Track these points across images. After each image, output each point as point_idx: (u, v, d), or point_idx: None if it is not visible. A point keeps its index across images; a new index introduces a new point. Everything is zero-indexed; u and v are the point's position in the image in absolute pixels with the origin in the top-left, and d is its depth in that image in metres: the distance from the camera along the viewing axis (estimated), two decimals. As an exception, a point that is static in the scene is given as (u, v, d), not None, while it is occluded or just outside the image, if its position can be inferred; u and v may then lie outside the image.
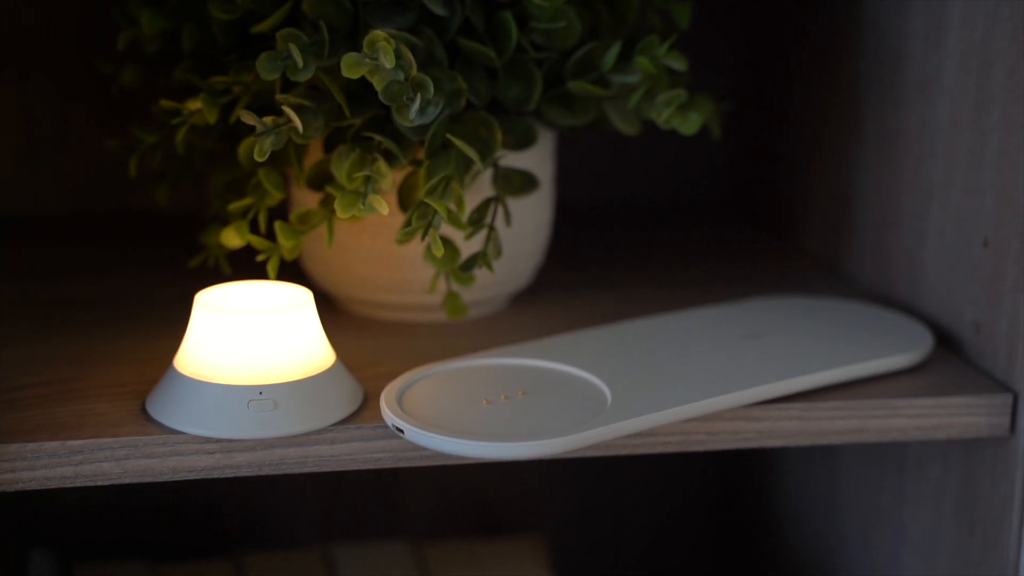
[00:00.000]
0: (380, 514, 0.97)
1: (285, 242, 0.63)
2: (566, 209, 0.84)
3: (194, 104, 0.63)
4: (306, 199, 0.69)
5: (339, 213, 0.59)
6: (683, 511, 1.02)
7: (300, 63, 0.59)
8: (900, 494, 0.74)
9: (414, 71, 0.59)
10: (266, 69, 0.59)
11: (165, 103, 0.63)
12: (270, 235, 0.64)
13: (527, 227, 0.71)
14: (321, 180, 0.65)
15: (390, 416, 0.57)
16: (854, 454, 0.80)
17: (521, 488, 1.00)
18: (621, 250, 0.87)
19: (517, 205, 0.69)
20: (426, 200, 0.60)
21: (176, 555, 0.88)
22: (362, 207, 0.59)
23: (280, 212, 0.69)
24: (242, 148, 0.63)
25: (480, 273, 0.67)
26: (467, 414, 0.58)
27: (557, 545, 0.98)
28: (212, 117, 0.62)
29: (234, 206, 0.64)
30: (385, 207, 0.59)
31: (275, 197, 0.64)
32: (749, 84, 0.97)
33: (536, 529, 0.98)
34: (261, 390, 0.57)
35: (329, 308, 0.73)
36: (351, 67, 0.57)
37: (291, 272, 0.74)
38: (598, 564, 1.02)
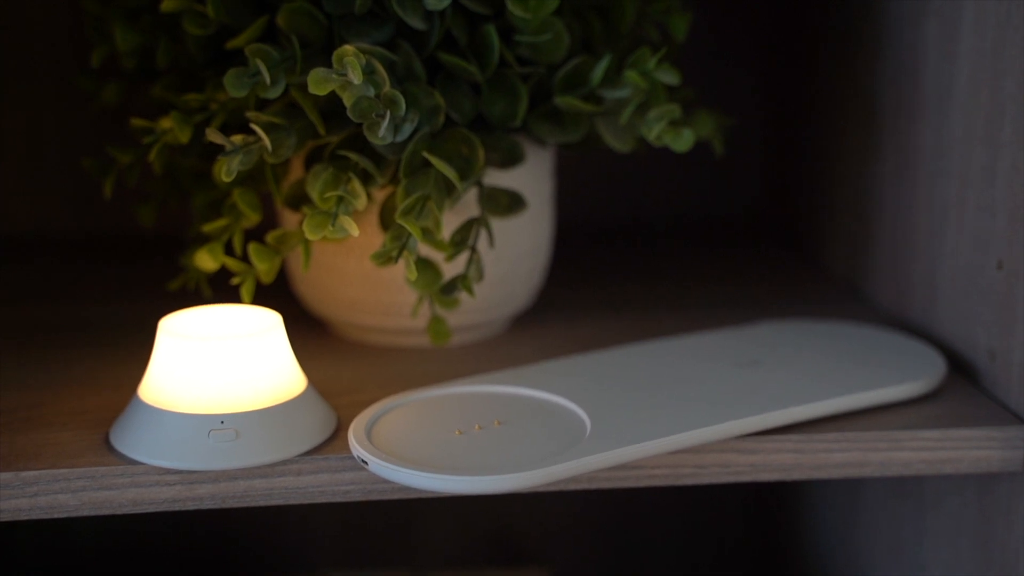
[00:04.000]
0: (394, 543, 0.95)
1: (260, 264, 0.61)
2: (571, 227, 0.81)
3: (167, 122, 0.61)
4: (292, 220, 0.66)
5: (308, 234, 0.57)
6: (705, 544, 0.99)
7: (268, 80, 0.57)
8: (920, 529, 0.71)
9: (386, 87, 0.56)
10: (234, 86, 0.57)
11: (136, 121, 0.61)
12: (248, 257, 0.62)
13: (523, 247, 0.69)
14: (299, 200, 0.63)
15: (356, 447, 0.54)
16: (877, 486, 0.76)
17: (542, 518, 0.97)
18: (630, 270, 0.84)
19: (512, 225, 0.67)
20: (400, 221, 0.58)
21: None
22: (332, 228, 0.57)
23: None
24: (216, 167, 0.61)
25: (472, 296, 0.64)
26: (438, 445, 0.55)
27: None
28: (184, 136, 0.60)
29: (209, 227, 0.62)
30: (356, 229, 0.57)
31: (251, 218, 0.62)
32: (766, 99, 0.93)
33: (556, 562, 0.95)
34: (223, 419, 0.55)
35: (322, 332, 0.71)
36: (318, 83, 0.55)
37: (283, 296, 0.72)
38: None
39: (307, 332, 0.70)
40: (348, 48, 0.55)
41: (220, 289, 0.68)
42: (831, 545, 0.83)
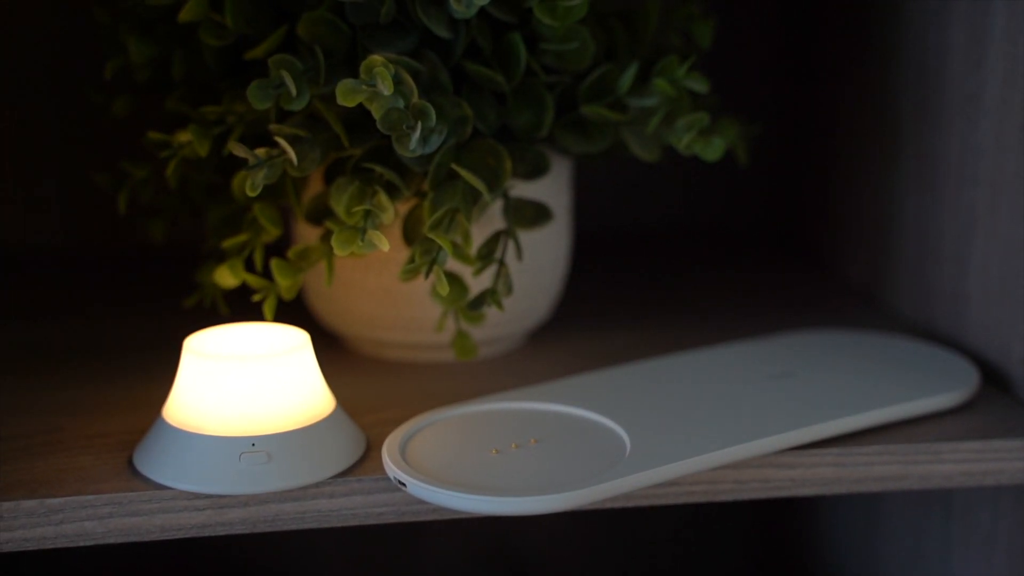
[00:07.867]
0: (402, 562, 0.93)
1: (282, 281, 0.59)
2: (587, 239, 0.80)
3: (184, 136, 0.59)
4: (308, 234, 0.65)
5: (336, 250, 0.55)
6: (720, 556, 0.98)
7: (293, 91, 0.55)
8: (947, 541, 0.70)
9: (415, 98, 0.55)
10: (257, 98, 0.56)
11: (153, 135, 0.60)
12: (268, 273, 0.60)
13: (543, 260, 0.67)
14: (320, 214, 0.62)
15: (392, 468, 0.53)
16: (896, 497, 0.75)
17: (551, 536, 0.95)
18: (647, 282, 0.83)
19: (532, 237, 0.65)
20: (429, 235, 0.56)
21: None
22: (361, 243, 0.55)
23: (283, 248, 0.65)
24: (236, 182, 0.60)
25: (492, 310, 0.63)
26: (475, 465, 0.53)
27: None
28: (203, 149, 0.58)
29: (228, 243, 0.60)
30: (386, 243, 0.55)
31: (271, 233, 0.61)
32: (785, 106, 0.92)
33: None
34: (254, 441, 0.53)
35: (336, 348, 0.70)
36: (347, 94, 0.54)
37: (296, 311, 0.71)
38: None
39: (321, 348, 0.68)
40: (377, 58, 0.54)
41: (234, 305, 0.67)
42: (850, 551, 0.82)
